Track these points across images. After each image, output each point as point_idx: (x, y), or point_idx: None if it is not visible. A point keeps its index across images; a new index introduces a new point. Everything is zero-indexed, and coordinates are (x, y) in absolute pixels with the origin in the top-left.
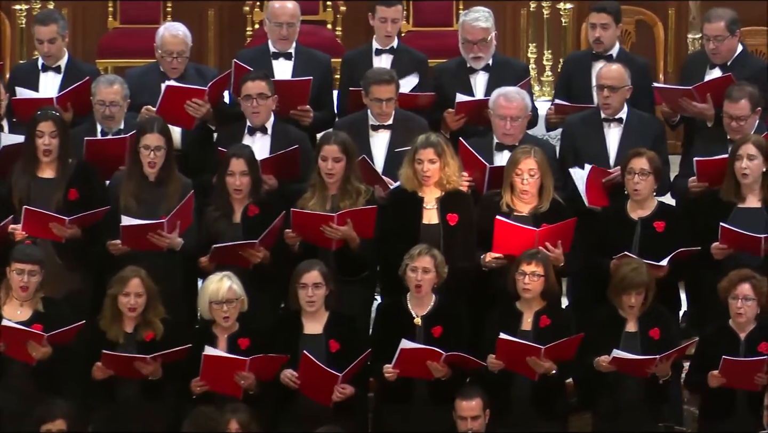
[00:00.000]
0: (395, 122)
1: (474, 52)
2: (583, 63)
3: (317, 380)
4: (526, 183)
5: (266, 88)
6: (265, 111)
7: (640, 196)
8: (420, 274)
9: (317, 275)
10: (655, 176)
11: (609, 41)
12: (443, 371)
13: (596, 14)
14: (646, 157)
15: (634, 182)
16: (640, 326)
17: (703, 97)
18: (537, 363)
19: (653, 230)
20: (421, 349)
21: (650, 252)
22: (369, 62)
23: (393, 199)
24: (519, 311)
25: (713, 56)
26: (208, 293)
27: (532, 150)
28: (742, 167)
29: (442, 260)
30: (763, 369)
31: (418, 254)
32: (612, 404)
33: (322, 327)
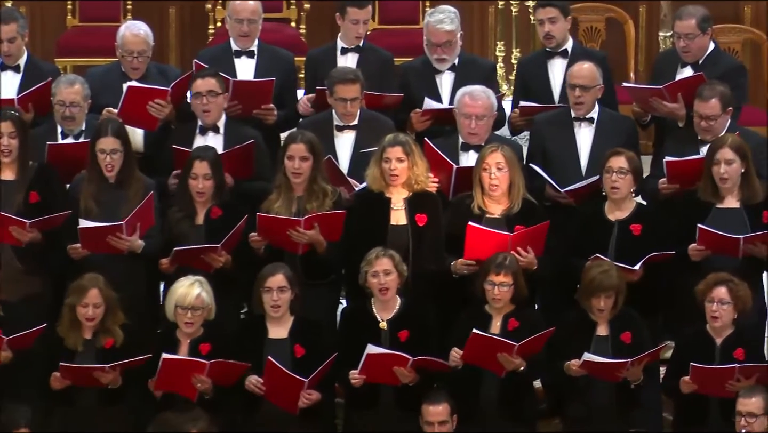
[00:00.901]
0: (360, 122)
1: (438, 54)
2: (538, 63)
3: (282, 387)
4: (494, 177)
5: (216, 86)
6: (216, 109)
7: (617, 195)
8: (382, 277)
9: (282, 278)
10: (634, 176)
11: (560, 35)
12: (410, 376)
13: (542, 9)
14: (624, 156)
15: (612, 181)
16: (611, 330)
17: (674, 97)
18: (508, 359)
19: (630, 232)
20: (387, 354)
21: (626, 255)
22: (334, 61)
23: (359, 200)
24: (488, 313)
25: (684, 54)
26: (175, 296)
27: (500, 146)
28: (720, 172)
29: (400, 260)
30: (733, 376)
31: (375, 258)
32: (582, 409)
33: (287, 332)
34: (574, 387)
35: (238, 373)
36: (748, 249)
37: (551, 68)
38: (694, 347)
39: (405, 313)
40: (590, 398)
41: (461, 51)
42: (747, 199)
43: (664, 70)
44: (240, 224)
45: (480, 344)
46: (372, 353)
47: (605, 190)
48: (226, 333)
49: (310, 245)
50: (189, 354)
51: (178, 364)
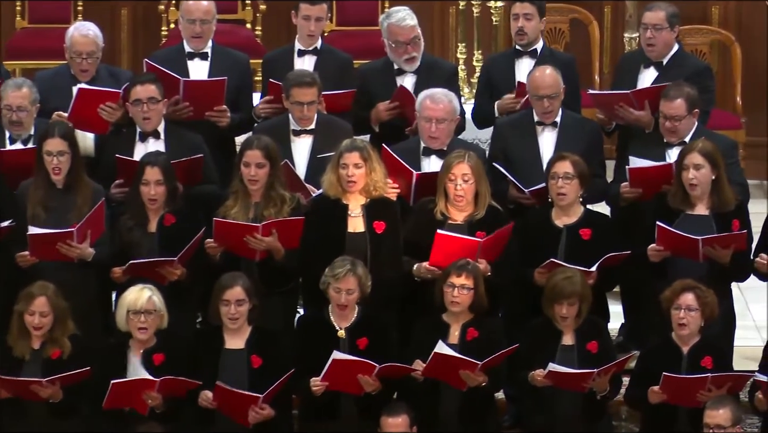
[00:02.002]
0: (318, 127)
1: (408, 52)
2: (505, 61)
3: (235, 403)
4: (460, 189)
5: (156, 92)
6: (156, 116)
7: (564, 201)
8: (344, 296)
9: (240, 291)
10: (580, 180)
11: (532, 33)
12: (374, 385)
13: (519, 4)
14: (569, 160)
15: (558, 187)
16: (577, 339)
17: (641, 104)
18: (471, 377)
19: (579, 237)
20: (353, 361)
21: (576, 261)
22: (290, 63)
23: (316, 207)
24: (445, 323)
25: (649, 48)
26: (126, 302)
27: (466, 155)
28: (689, 178)
29: (365, 276)
30: (705, 387)
31: (343, 276)
32: (546, 421)
33: (244, 342)
34: (538, 398)
35: (189, 388)
36: (708, 252)
37: (518, 67)
38: (659, 356)
39: (363, 321)
40: (555, 410)
41: (424, 53)
42: (717, 207)
43: (626, 71)
44: (197, 237)
45: (442, 362)
46: (338, 359)
47: (551, 197)
48: (180, 343)
49: (267, 251)
50: (142, 364)
51: (128, 385)
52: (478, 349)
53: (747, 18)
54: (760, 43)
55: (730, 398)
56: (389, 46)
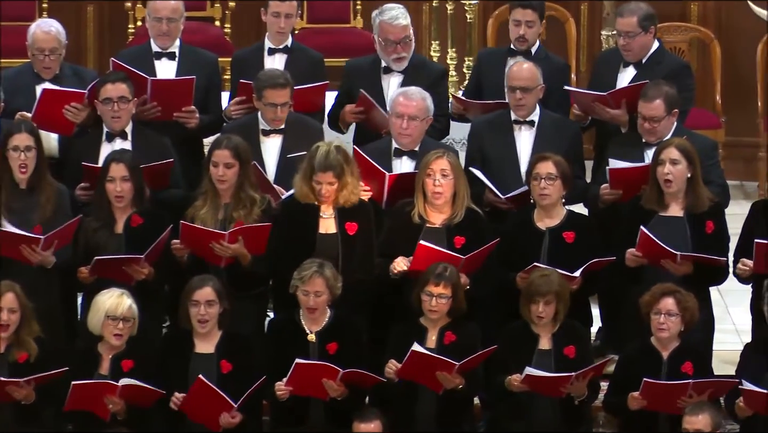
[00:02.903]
0: (288, 126)
1: (397, 52)
2: (497, 59)
3: (208, 405)
4: (438, 184)
5: (127, 91)
6: (125, 116)
7: (546, 201)
8: (312, 298)
9: (210, 292)
10: (563, 181)
11: (533, 40)
12: (339, 390)
13: (522, 11)
14: (552, 161)
15: (540, 188)
16: (554, 344)
17: (618, 103)
18: (447, 378)
19: (562, 240)
20: (316, 365)
21: (559, 264)
22: (260, 62)
23: (287, 208)
24: (423, 326)
25: (625, 53)
26: (104, 307)
27: (445, 152)
28: (664, 173)
29: (334, 278)
30: (686, 393)
31: (309, 278)
32: (524, 427)
33: (213, 347)
34: (514, 404)
35: (153, 398)
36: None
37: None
38: (639, 361)
39: (334, 325)
40: (532, 416)
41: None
42: (691, 208)
43: (605, 70)
44: (164, 235)
45: (419, 361)
46: (301, 363)
47: (534, 198)
48: (149, 349)
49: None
50: (110, 370)
51: (89, 387)
52: (456, 353)
53: (726, 15)
54: (740, 40)
55: (710, 403)
56: (379, 43)
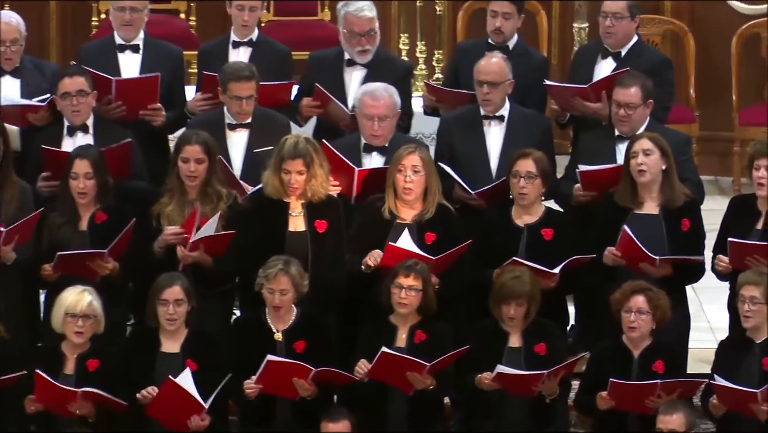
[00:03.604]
0: (254, 120)
1: (362, 44)
2: (475, 53)
3: (177, 406)
4: (409, 180)
5: (86, 85)
6: (85, 109)
7: (526, 201)
8: (277, 297)
9: (179, 290)
10: (543, 179)
11: (510, 33)
12: (310, 389)
13: (499, 2)
14: (532, 158)
15: (519, 186)
16: (524, 341)
17: (598, 96)
18: (418, 379)
19: (540, 237)
20: (287, 363)
21: (537, 262)
22: (225, 55)
23: (255, 204)
24: (393, 325)
25: (607, 36)
26: (65, 304)
27: (417, 147)
28: (638, 163)
29: (300, 275)
30: (654, 393)
31: (274, 276)
32: (494, 427)
33: (179, 346)
34: (485, 403)
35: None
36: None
37: None
38: (609, 359)
39: (301, 323)
40: (503, 416)
41: (378, 48)
42: (667, 203)
43: (582, 63)
44: (127, 228)
45: (389, 362)
46: (272, 360)
47: (513, 195)
48: (113, 348)
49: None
50: (76, 370)
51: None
52: (426, 352)
53: (700, 7)
54: (714, 33)
55: (684, 402)
56: (343, 35)
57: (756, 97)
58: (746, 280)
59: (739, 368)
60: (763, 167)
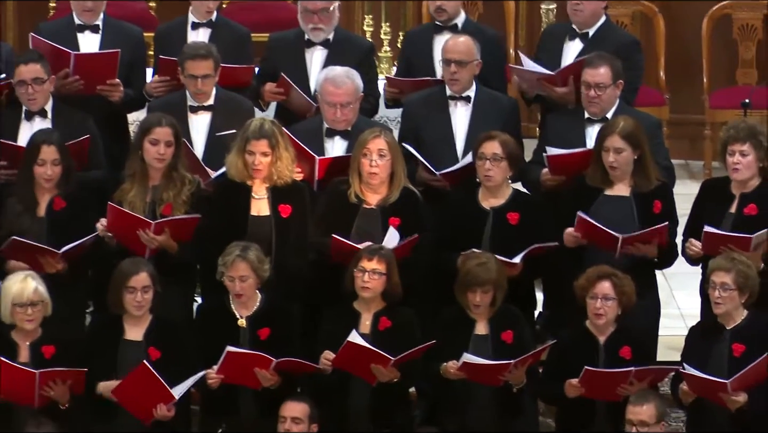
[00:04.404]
0: (217, 103)
1: (314, 22)
2: (424, 37)
3: (145, 393)
4: (374, 165)
5: (42, 72)
6: (42, 96)
7: (491, 183)
8: (238, 284)
9: (146, 277)
10: (509, 162)
11: (453, 9)
12: (272, 379)
13: None
14: (498, 140)
15: (485, 169)
16: (491, 329)
17: (565, 81)
18: (382, 372)
19: (506, 221)
20: (248, 354)
21: (502, 246)
22: (184, 37)
23: (218, 189)
24: (356, 311)
25: (575, 14)
26: (11, 294)
27: (382, 131)
28: (609, 161)
29: (259, 260)
30: (627, 381)
31: (231, 263)
32: (460, 417)
33: (142, 333)
34: (451, 393)
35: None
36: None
37: (437, 44)
38: (574, 347)
39: (265, 310)
40: (469, 405)
41: (338, 28)
42: (638, 187)
43: (550, 44)
44: (88, 239)
45: (354, 352)
46: (232, 351)
47: (479, 178)
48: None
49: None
50: (31, 358)
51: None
52: (391, 339)
53: None
54: (684, 14)
55: (654, 393)
56: (300, 12)
57: (727, 80)
58: (717, 266)
59: (710, 354)
60: (738, 152)
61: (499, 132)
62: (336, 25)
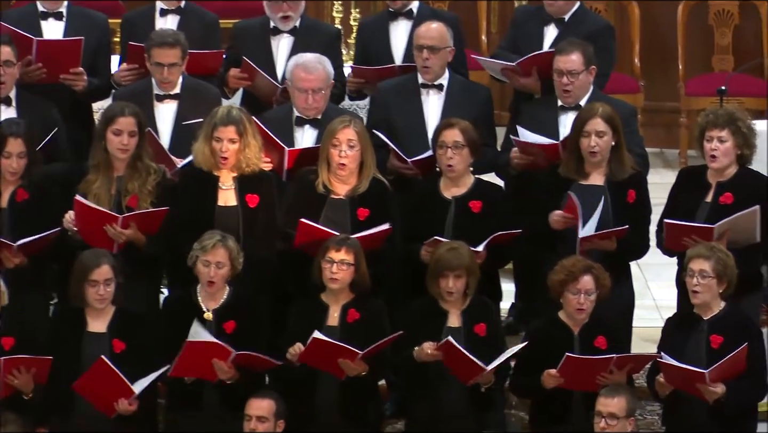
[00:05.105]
0: (183, 91)
1: (283, 10)
2: (379, 25)
3: (106, 387)
4: (344, 156)
5: (11, 55)
6: (10, 80)
7: (453, 172)
8: (213, 269)
9: (108, 269)
10: (471, 149)
11: None
12: (229, 372)
13: None
14: (458, 128)
15: (447, 157)
16: (463, 321)
17: (528, 72)
18: (350, 366)
19: (468, 210)
20: (206, 343)
21: (465, 235)
22: (151, 23)
23: (184, 178)
24: (324, 304)
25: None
26: None
27: (352, 120)
28: (590, 145)
29: (236, 251)
30: (607, 369)
31: (212, 247)
32: (431, 410)
33: (106, 325)
34: (422, 384)
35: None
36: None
37: (393, 31)
38: (548, 338)
39: (233, 303)
40: (441, 397)
41: (304, 14)
42: (612, 175)
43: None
44: (51, 232)
45: (320, 348)
46: (192, 341)
47: (440, 167)
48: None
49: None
50: None
51: None
52: (360, 331)
53: None
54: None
55: (627, 387)
56: (266, 2)
57: (703, 67)
58: (696, 253)
59: (687, 345)
60: (716, 138)
61: (458, 119)
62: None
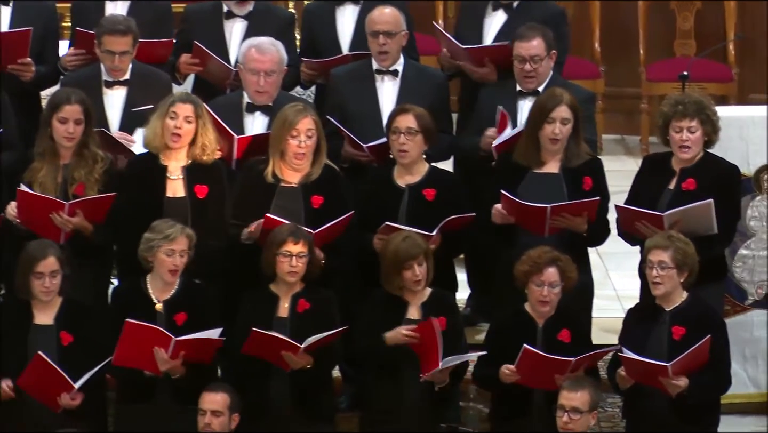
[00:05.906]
0: (133, 77)
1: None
2: (325, 11)
3: (47, 383)
4: (303, 146)
5: None
6: None
7: (406, 159)
8: (177, 258)
9: (54, 261)
10: (425, 136)
11: None
12: (169, 363)
13: None
14: (413, 114)
15: (399, 143)
16: (423, 315)
17: (480, 61)
18: (293, 359)
19: (422, 198)
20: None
21: (419, 223)
22: (101, 9)
23: (132, 168)
24: (274, 294)
25: None
26: None
27: (307, 109)
28: (554, 132)
29: (195, 240)
30: (565, 371)
31: (178, 236)
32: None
33: (53, 317)
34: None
35: None
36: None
37: (340, 17)
38: (512, 329)
39: (183, 294)
40: (397, 390)
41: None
42: (567, 162)
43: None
44: None
45: (262, 341)
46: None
47: (393, 153)
48: None
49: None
50: None
51: None
52: (311, 321)
53: None
54: None
55: (590, 380)
56: None
57: (664, 52)
58: (654, 244)
59: (648, 337)
60: (686, 129)
61: (413, 105)
62: None
